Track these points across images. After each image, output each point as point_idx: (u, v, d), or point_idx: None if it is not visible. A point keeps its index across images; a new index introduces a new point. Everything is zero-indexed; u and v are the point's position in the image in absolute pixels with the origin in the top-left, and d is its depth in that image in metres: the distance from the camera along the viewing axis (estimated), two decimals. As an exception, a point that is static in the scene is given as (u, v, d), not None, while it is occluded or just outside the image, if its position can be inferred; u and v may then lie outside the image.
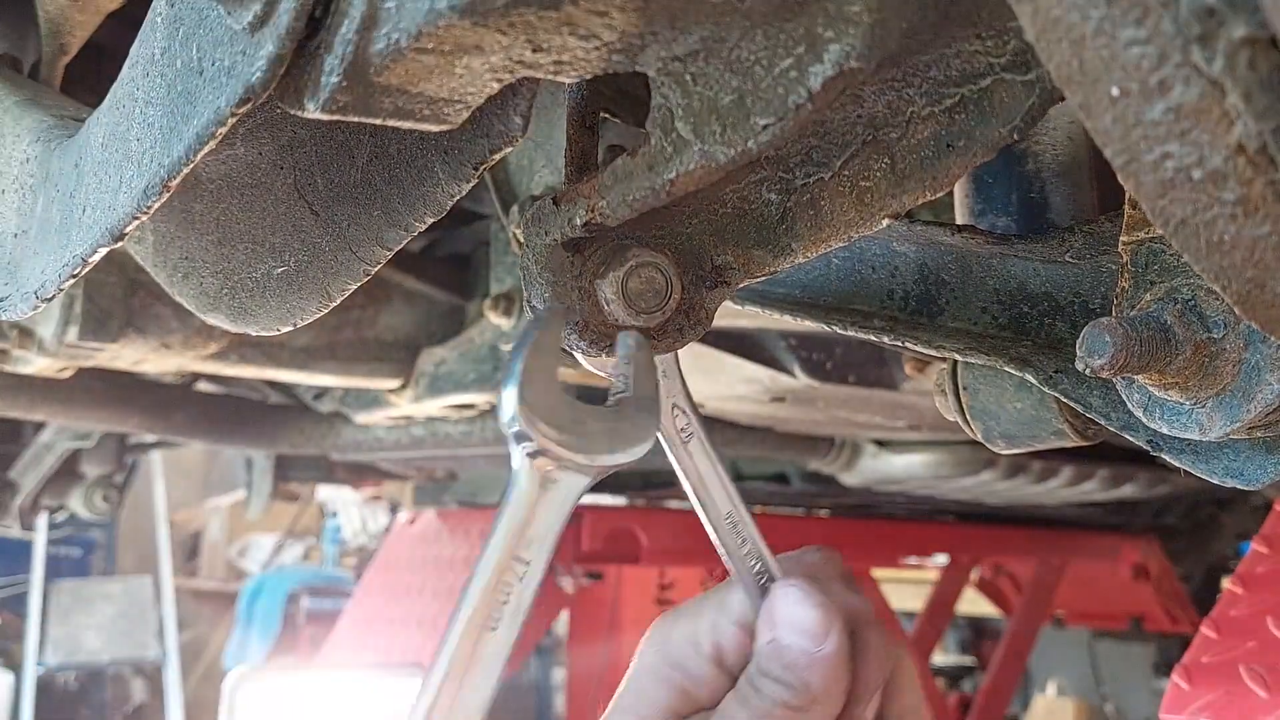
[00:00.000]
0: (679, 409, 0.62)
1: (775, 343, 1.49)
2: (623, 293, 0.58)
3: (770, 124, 0.46)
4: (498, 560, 0.55)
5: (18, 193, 0.74)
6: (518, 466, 0.55)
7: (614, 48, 0.47)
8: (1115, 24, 0.31)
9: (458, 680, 0.54)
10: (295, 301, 0.71)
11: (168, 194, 0.54)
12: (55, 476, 2.32)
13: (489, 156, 0.57)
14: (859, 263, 0.80)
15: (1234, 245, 0.34)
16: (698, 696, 0.63)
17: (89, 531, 7.41)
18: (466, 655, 0.54)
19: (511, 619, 0.55)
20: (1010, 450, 0.81)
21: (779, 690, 0.59)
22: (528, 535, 0.56)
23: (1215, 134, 0.31)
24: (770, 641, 0.61)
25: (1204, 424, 0.55)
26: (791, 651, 0.60)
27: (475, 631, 0.55)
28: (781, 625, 0.60)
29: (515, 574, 0.55)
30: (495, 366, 1.55)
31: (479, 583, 0.55)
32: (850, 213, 0.57)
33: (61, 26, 0.90)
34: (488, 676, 0.55)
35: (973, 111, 0.51)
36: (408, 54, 0.45)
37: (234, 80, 0.48)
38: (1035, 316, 0.72)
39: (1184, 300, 0.55)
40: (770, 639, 0.61)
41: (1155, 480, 2.37)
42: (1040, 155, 0.77)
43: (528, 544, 0.56)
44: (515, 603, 0.55)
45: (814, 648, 0.59)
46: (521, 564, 0.55)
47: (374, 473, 2.70)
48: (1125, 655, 4.32)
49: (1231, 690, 1.04)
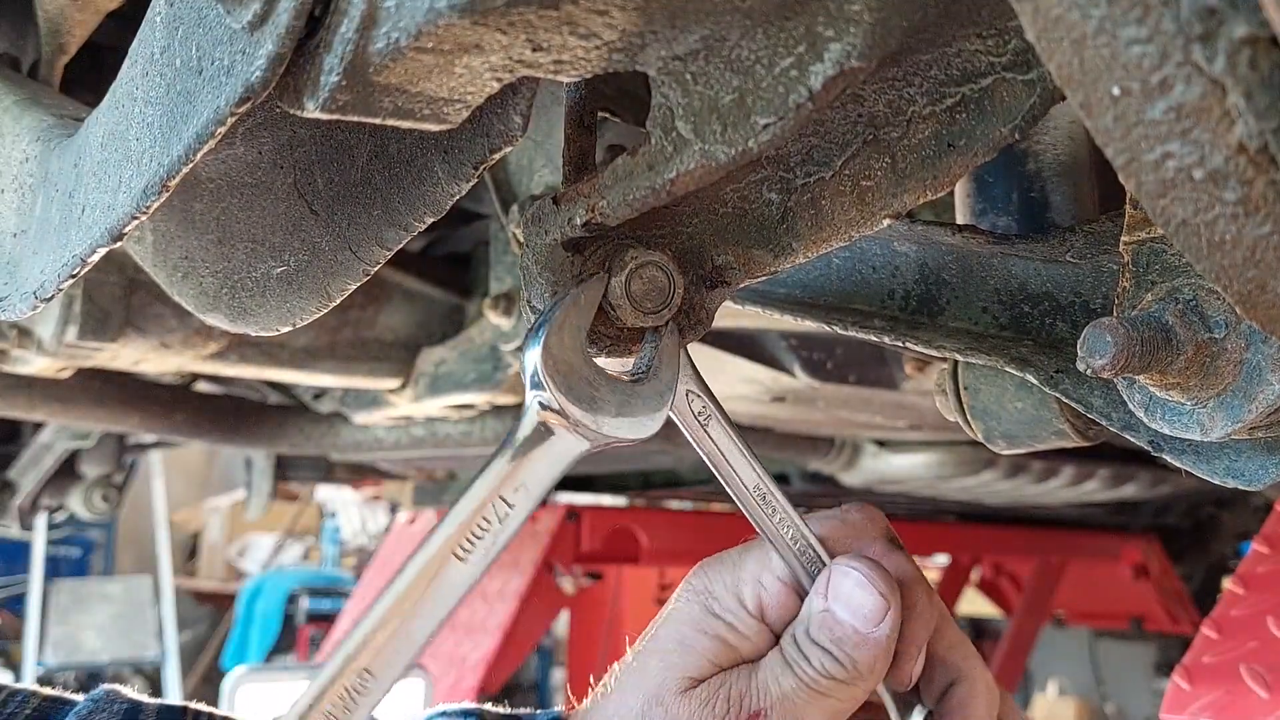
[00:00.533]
0: (693, 394, 0.62)
1: (776, 343, 1.49)
2: (626, 293, 0.58)
3: (771, 123, 0.46)
4: (484, 494, 0.56)
5: (17, 192, 0.74)
6: (526, 411, 0.57)
7: (614, 47, 0.47)
8: (1116, 23, 0.31)
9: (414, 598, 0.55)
10: (295, 301, 0.71)
11: (167, 194, 0.54)
12: (54, 476, 2.32)
13: (489, 156, 0.57)
14: (859, 262, 0.80)
15: (1235, 245, 0.34)
16: (739, 649, 0.64)
17: (88, 531, 7.42)
18: (428, 576, 0.55)
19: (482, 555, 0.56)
20: (1011, 450, 0.80)
21: (826, 661, 0.61)
22: (518, 478, 0.57)
23: (1216, 133, 0.31)
24: (824, 611, 0.62)
25: (1205, 424, 0.55)
26: (844, 628, 0.61)
27: (444, 556, 0.55)
28: (839, 600, 0.62)
29: (496, 513, 0.56)
30: (495, 366, 1.55)
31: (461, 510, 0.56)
32: (851, 212, 0.57)
33: (61, 26, 0.90)
34: (443, 603, 0.55)
35: (974, 111, 0.51)
36: (407, 53, 0.45)
37: (233, 79, 0.48)
38: (1036, 316, 0.72)
39: (1185, 300, 0.55)
40: (824, 609, 0.62)
41: (1156, 480, 2.37)
42: (1041, 155, 0.77)
43: (515, 487, 0.57)
44: (489, 540, 0.56)
45: (867, 630, 0.61)
46: (505, 505, 0.56)
47: (374, 473, 2.70)
48: (1126, 655, 4.32)
49: (1232, 690, 1.04)
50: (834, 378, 1.50)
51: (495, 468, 0.57)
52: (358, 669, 0.54)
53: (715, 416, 0.63)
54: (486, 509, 0.56)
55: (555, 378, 0.55)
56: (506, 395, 1.58)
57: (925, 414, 1.71)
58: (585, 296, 0.57)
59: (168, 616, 6.55)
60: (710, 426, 0.63)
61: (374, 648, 0.54)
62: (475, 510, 0.56)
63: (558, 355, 0.55)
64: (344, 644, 0.55)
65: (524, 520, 0.57)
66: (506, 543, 0.57)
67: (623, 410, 0.57)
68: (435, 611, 0.55)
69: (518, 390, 1.56)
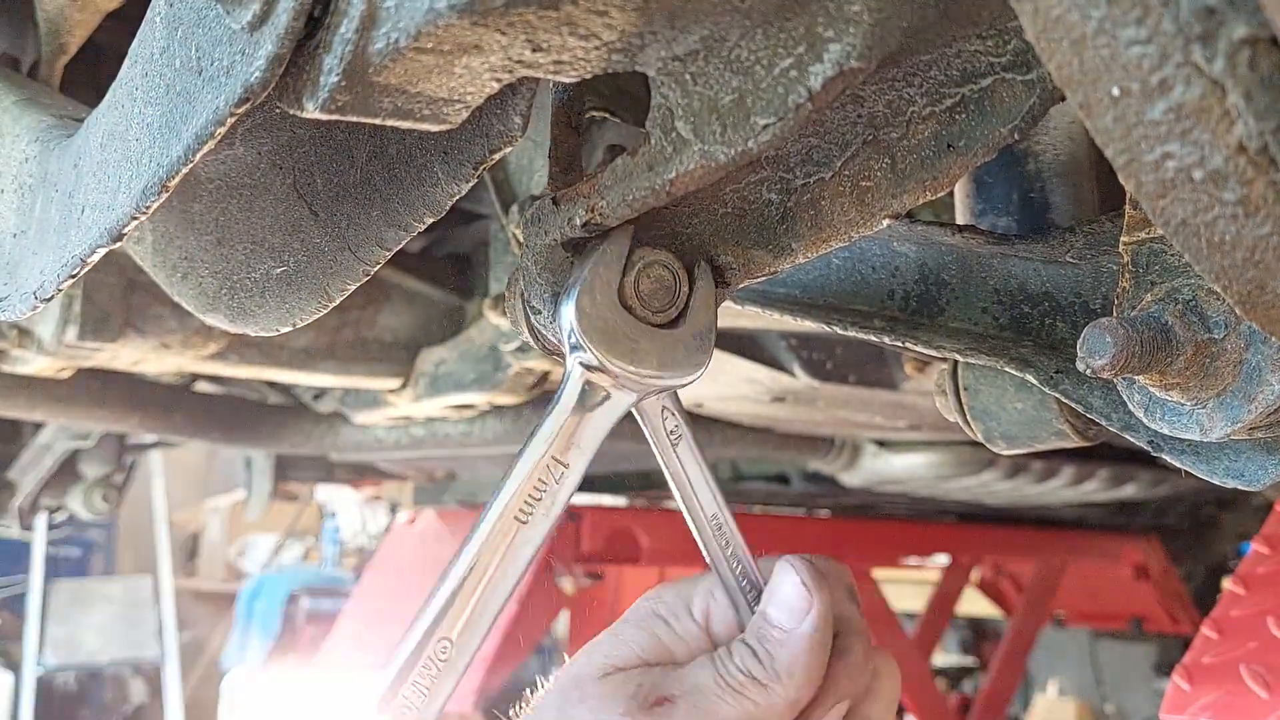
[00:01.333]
0: (668, 411, 0.63)
1: (775, 343, 1.49)
2: (636, 293, 0.58)
3: (770, 124, 0.46)
4: (538, 457, 0.58)
5: (17, 193, 0.74)
6: (569, 374, 0.58)
7: (614, 47, 0.47)
8: (1116, 24, 0.31)
9: (486, 566, 0.57)
10: (294, 302, 0.71)
11: (166, 194, 0.54)
12: (54, 476, 2.32)
13: (488, 156, 0.57)
14: (859, 263, 0.80)
15: (1235, 245, 0.34)
16: (674, 650, 0.63)
17: (88, 531, 7.41)
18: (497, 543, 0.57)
19: (543, 516, 0.58)
20: (1011, 451, 0.80)
21: (748, 659, 0.60)
22: (570, 439, 0.58)
23: (1216, 134, 0.31)
24: (760, 613, 0.62)
25: (1205, 425, 0.55)
26: (769, 625, 0.61)
27: (508, 522, 0.57)
28: (771, 599, 0.61)
29: (553, 475, 0.58)
30: (495, 366, 1.55)
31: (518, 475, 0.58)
32: (851, 212, 0.57)
33: (60, 26, 0.90)
34: (515, 566, 0.57)
35: (973, 111, 0.51)
36: (407, 54, 0.45)
37: (233, 80, 0.48)
38: (1036, 317, 0.72)
39: (1185, 300, 0.55)
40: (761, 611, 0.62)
41: (1156, 480, 2.36)
42: (1041, 155, 0.77)
43: (568, 448, 0.58)
44: (549, 501, 0.58)
45: (790, 625, 0.60)
46: (560, 466, 0.58)
47: (374, 473, 2.70)
48: (1126, 655, 4.32)
49: (1232, 690, 1.04)
50: (834, 378, 1.50)
51: (546, 430, 0.58)
52: (439, 639, 0.56)
53: (686, 438, 0.63)
54: (542, 471, 0.58)
55: (593, 335, 0.56)
56: (506, 395, 1.58)
57: (925, 414, 1.71)
58: (611, 250, 0.57)
59: (168, 616, 6.55)
60: (679, 447, 0.63)
61: (452, 617, 0.56)
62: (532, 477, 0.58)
63: (591, 314, 0.56)
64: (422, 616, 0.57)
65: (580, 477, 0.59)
66: (565, 501, 0.58)
67: (665, 357, 0.58)
68: (506, 577, 0.57)
69: (518, 390, 1.56)
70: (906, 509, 3.19)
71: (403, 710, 0.55)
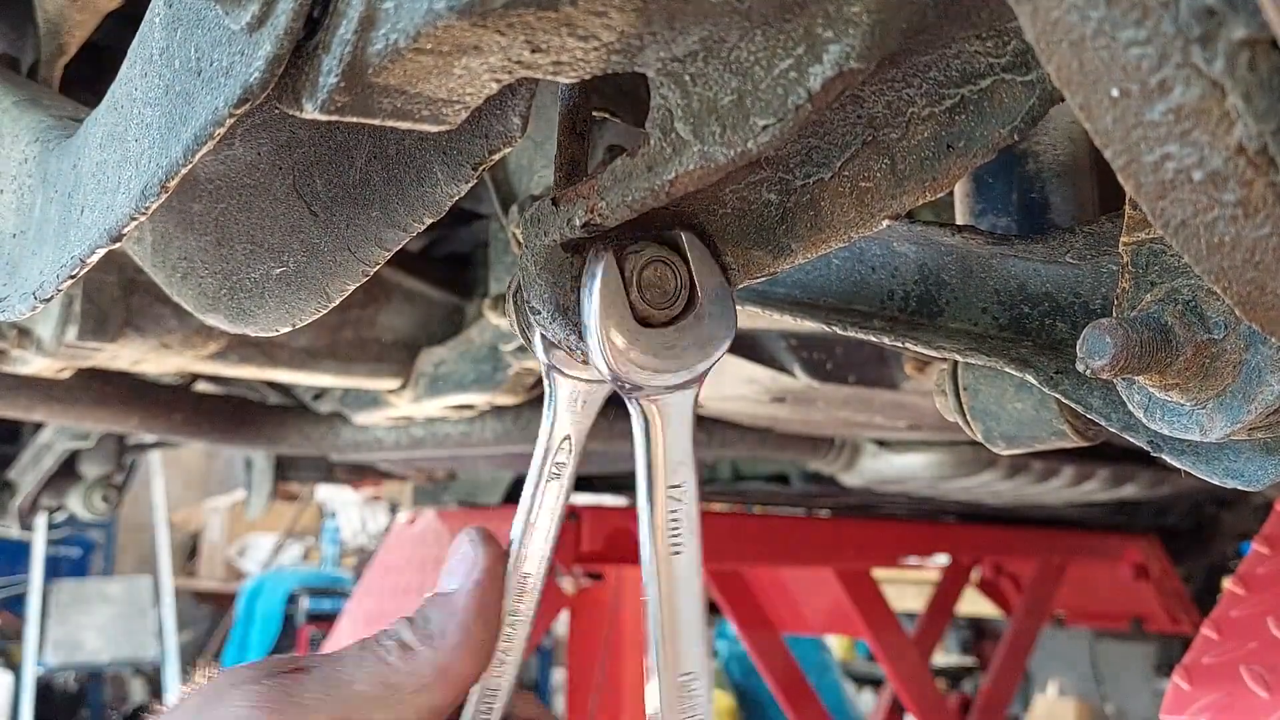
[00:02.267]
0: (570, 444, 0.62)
1: (775, 343, 1.49)
2: (638, 289, 0.57)
3: (770, 124, 0.46)
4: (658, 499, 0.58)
5: (16, 193, 0.74)
6: (632, 411, 0.58)
7: (613, 48, 0.47)
8: (1115, 25, 0.31)
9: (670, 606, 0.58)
10: (294, 302, 0.71)
11: (166, 195, 0.54)
12: (54, 477, 2.32)
13: (488, 157, 0.57)
14: (859, 263, 0.80)
15: (1234, 246, 0.34)
16: None
17: (88, 532, 7.41)
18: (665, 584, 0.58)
19: (689, 536, 0.58)
20: (1011, 451, 0.80)
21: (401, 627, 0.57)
22: (670, 464, 0.58)
23: (1215, 135, 0.31)
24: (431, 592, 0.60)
25: (1204, 425, 0.55)
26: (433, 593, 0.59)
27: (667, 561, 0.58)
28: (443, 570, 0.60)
29: (675, 499, 0.58)
30: (495, 367, 1.54)
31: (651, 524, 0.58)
32: (850, 213, 0.57)
33: (60, 26, 0.90)
34: (692, 590, 0.58)
35: (973, 112, 0.51)
36: (406, 54, 0.45)
37: (232, 81, 0.48)
38: (1036, 317, 0.72)
39: (1184, 301, 0.55)
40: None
41: (1156, 480, 2.36)
42: (1041, 155, 0.77)
43: (673, 470, 0.58)
44: (687, 521, 0.58)
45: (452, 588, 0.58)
46: (676, 489, 0.58)
47: (373, 473, 2.70)
48: (1126, 655, 4.32)
49: (1232, 691, 1.04)
50: (834, 378, 1.49)
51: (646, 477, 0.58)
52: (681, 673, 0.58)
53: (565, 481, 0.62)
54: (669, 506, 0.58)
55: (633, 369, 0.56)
56: (506, 396, 1.58)
57: (925, 414, 1.71)
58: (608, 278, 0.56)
59: (168, 616, 6.55)
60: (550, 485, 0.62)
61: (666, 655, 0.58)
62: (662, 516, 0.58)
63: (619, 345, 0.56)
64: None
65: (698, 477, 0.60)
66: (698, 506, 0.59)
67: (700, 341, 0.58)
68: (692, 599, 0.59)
69: (517, 391, 1.56)
70: (906, 509, 3.19)
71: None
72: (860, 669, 6.26)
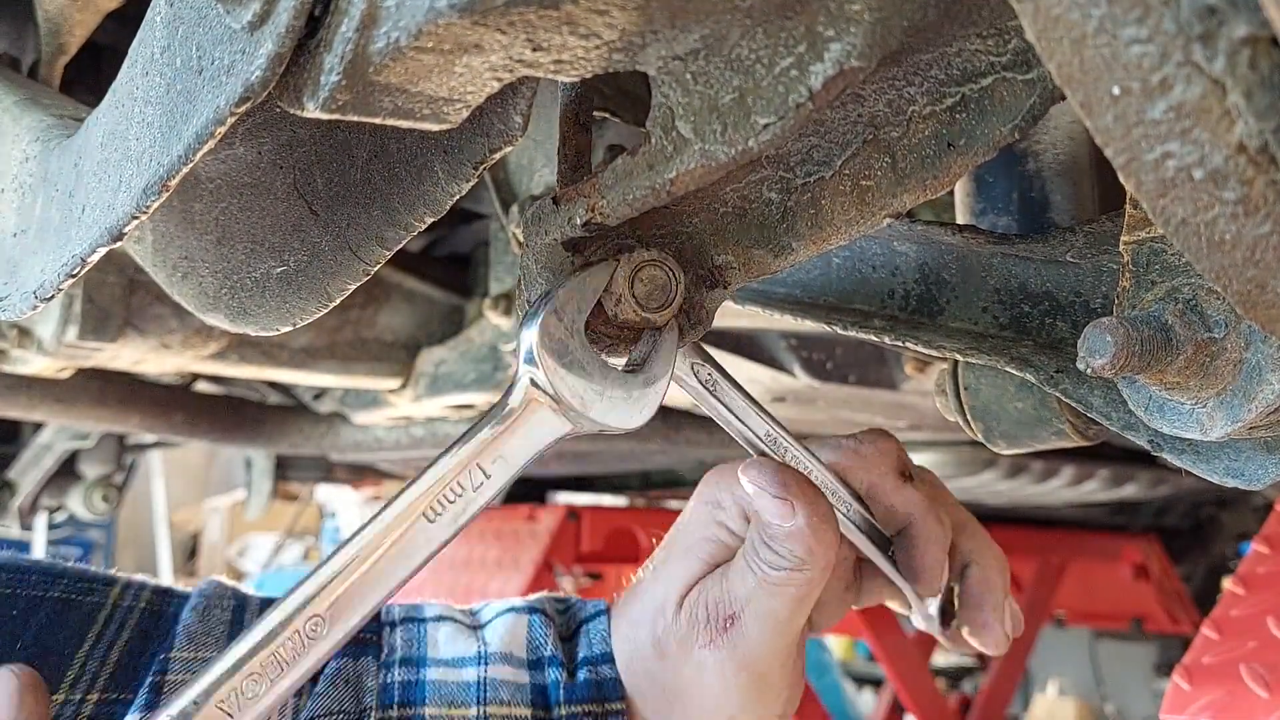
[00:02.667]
0: (698, 364, 0.67)
1: (775, 343, 1.49)
2: (630, 291, 0.58)
3: (771, 123, 0.46)
4: (462, 458, 0.56)
5: (17, 192, 0.74)
6: (516, 385, 0.57)
7: (614, 46, 0.47)
8: (1116, 23, 0.31)
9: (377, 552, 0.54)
10: (294, 301, 0.71)
11: (167, 194, 0.54)
12: (54, 476, 2.32)
13: (489, 156, 0.57)
14: (859, 262, 0.80)
15: (1235, 245, 0.34)
16: (729, 546, 0.74)
17: (88, 531, 7.40)
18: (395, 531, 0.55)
19: (451, 520, 0.56)
20: (1011, 450, 0.80)
21: (770, 555, 0.69)
22: (498, 449, 0.57)
23: (1216, 133, 0.31)
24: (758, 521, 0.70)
25: (1205, 424, 0.55)
26: (769, 527, 0.69)
27: (413, 514, 0.55)
28: (757, 511, 0.69)
29: (472, 480, 0.57)
30: (495, 367, 1.55)
31: (436, 470, 0.56)
32: (851, 212, 0.57)
33: (61, 26, 0.90)
34: (406, 561, 0.55)
35: (974, 110, 0.51)
36: (407, 53, 0.45)
37: (233, 79, 0.48)
38: (1036, 316, 0.72)
39: (1185, 300, 0.55)
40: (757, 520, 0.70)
41: (1156, 480, 2.36)
42: (1041, 154, 0.77)
43: (494, 457, 0.57)
44: (460, 506, 0.56)
45: (787, 524, 0.67)
46: (481, 474, 0.57)
47: (374, 473, 2.70)
48: (1126, 655, 4.32)
49: (1232, 691, 1.04)
50: (834, 378, 1.49)
51: (479, 435, 0.57)
52: (311, 614, 0.53)
53: (719, 381, 0.68)
54: (463, 475, 0.57)
55: (549, 358, 0.55)
56: (506, 395, 1.58)
57: (925, 414, 1.71)
58: (590, 281, 0.57)
59: (168, 617, 6.54)
60: (718, 391, 0.68)
61: (330, 595, 0.54)
62: (451, 474, 0.56)
63: (555, 335, 0.56)
64: (300, 588, 0.54)
65: (497, 492, 0.57)
66: (478, 512, 0.57)
67: (612, 400, 0.57)
68: (397, 568, 0.55)
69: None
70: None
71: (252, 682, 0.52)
72: (860, 669, 6.26)
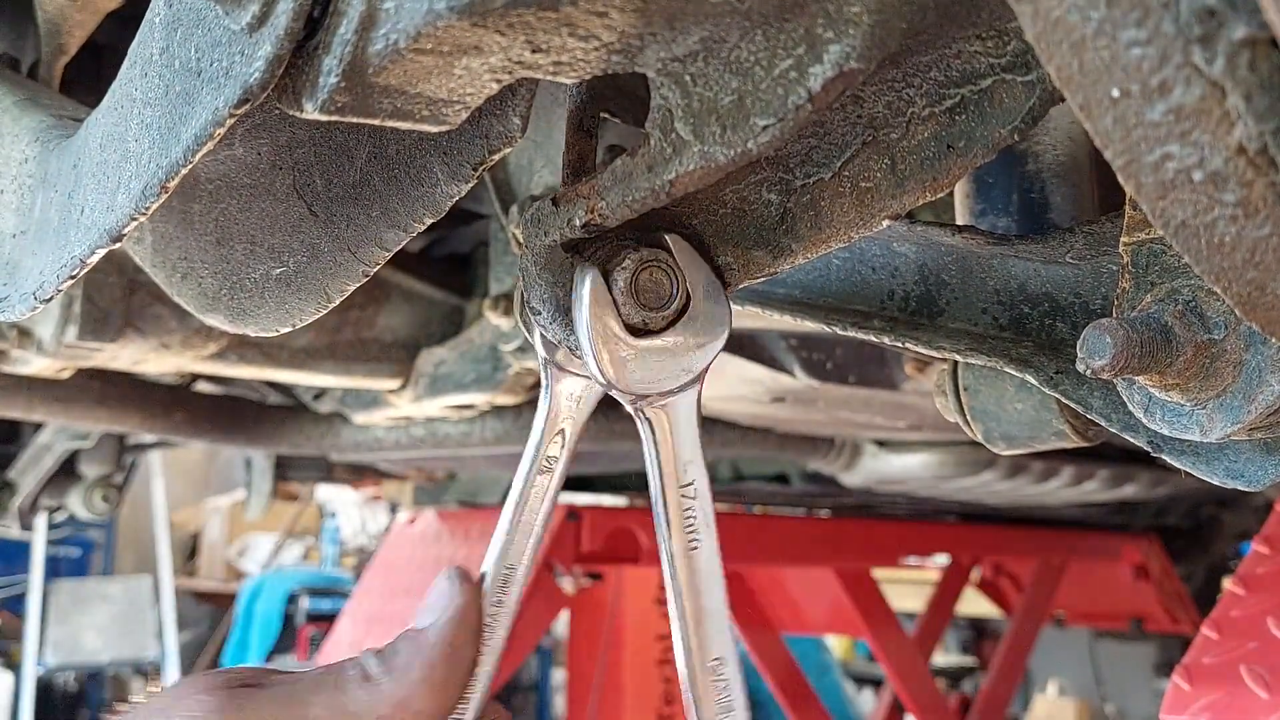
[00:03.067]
0: (564, 438, 0.62)
1: (775, 343, 1.49)
2: (633, 290, 0.57)
3: (770, 125, 0.46)
4: (671, 500, 0.59)
5: (16, 193, 0.74)
6: (637, 418, 0.59)
7: (613, 48, 0.47)
8: (1116, 25, 0.31)
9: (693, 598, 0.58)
10: (294, 302, 0.71)
11: (166, 195, 0.54)
12: (54, 476, 2.32)
13: (488, 157, 0.57)
14: (859, 263, 0.80)
15: (1235, 247, 0.34)
16: None
17: (88, 531, 7.41)
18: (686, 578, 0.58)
19: (706, 531, 0.59)
20: (1011, 451, 0.80)
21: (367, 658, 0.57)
22: (679, 464, 0.59)
23: (1216, 135, 0.31)
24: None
25: (1204, 425, 0.55)
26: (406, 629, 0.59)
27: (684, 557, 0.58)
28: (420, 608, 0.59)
29: (688, 497, 0.59)
30: (495, 367, 1.54)
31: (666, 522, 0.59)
32: (850, 213, 0.57)
33: (60, 26, 0.90)
34: (713, 584, 0.59)
35: (973, 112, 0.51)
36: (406, 55, 0.45)
37: (232, 81, 0.48)
38: (1036, 317, 0.72)
39: (1185, 301, 0.55)
40: None
41: (1156, 481, 2.36)
42: (1041, 156, 0.77)
43: (683, 470, 0.59)
44: (702, 516, 0.59)
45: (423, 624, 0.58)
46: (689, 488, 0.59)
47: (374, 473, 2.70)
48: (1126, 656, 4.32)
49: (1232, 691, 1.04)
50: (834, 378, 1.49)
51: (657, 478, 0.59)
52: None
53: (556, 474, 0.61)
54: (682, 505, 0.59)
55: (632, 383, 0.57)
56: (506, 395, 1.58)
57: (925, 414, 1.71)
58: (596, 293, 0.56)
59: (168, 616, 6.55)
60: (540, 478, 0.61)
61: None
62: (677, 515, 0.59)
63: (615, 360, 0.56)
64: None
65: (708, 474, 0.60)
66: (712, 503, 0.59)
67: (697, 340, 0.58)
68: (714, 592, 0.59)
69: (517, 391, 1.56)
70: (906, 509, 3.19)
71: None
72: (860, 669, 6.26)
